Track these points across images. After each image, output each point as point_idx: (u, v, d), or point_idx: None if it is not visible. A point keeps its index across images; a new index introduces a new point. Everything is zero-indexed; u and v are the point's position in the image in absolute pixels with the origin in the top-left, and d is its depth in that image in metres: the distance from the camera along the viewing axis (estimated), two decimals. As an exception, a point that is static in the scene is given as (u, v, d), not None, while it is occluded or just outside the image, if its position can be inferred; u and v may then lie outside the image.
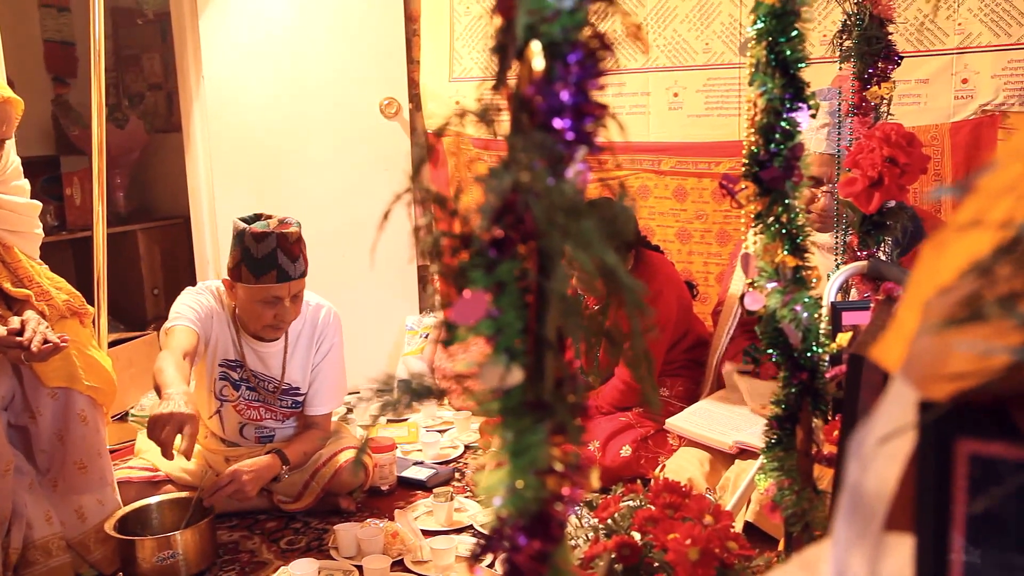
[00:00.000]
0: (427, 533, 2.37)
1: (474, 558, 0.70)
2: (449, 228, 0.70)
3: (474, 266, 0.65)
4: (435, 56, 3.67)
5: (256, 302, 2.51)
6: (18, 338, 2.08)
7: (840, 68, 1.92)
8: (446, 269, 0.69)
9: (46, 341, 2.11)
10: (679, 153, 3.08)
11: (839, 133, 1.92)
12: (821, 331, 1.17)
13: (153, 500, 2.42)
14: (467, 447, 3.07)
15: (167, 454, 2.14)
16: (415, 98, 3.77)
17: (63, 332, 2.18)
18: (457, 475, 2.84)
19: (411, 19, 3.72)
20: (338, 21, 3.65)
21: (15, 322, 2.13)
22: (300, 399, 2.67)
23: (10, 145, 2.40)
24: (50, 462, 2.32)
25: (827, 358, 1.19)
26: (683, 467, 2.42)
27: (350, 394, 3.41)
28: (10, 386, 2.28)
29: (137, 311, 4.54)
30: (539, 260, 0.64)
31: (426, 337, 3.74)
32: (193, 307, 2.58)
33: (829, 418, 1.23)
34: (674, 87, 3.06)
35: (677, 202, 3.13)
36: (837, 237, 1.94)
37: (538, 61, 0.61)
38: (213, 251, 3.83)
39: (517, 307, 0.64)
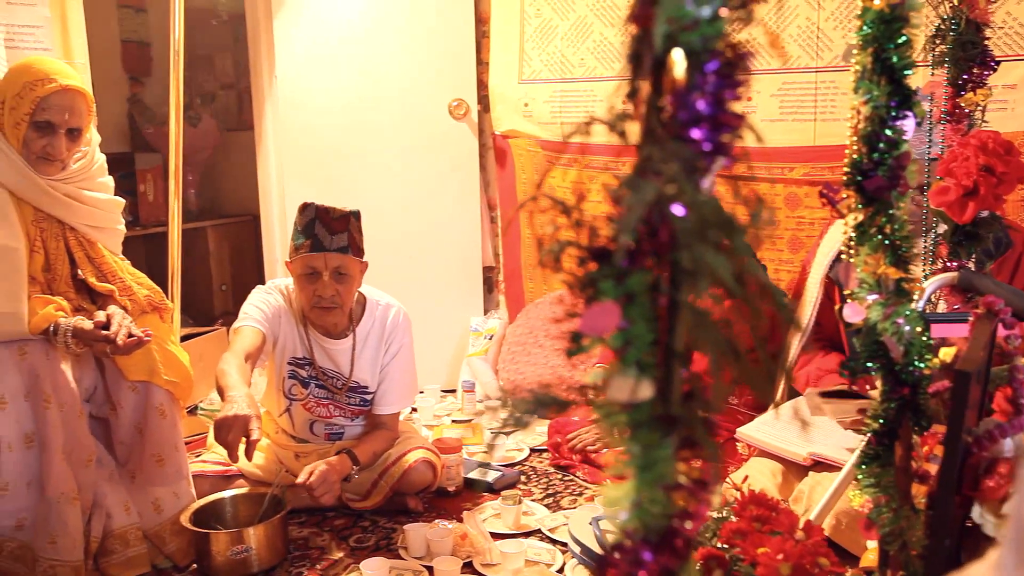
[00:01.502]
0: (495, 536, 2.37)
1: (592, 570, 0.69)
2: (576, 237, 0.70)
3: (604, 276, 0.65)
4: (504, 58, 3.67)
5: (299, 277, 2.54)
6: (104, 332, 2.13)
7: (932, 73, 1.88)
8: (572, 279, 0.68)
9: (130, 335, 2.16)
10: (750, 158, 3.04)
11: (929, 140, 1.87)
12: (923, 345, 1.14)
13: (227, 494, 2.45)
14: (532, 450, 3.06)
15: (233, 456, 2.18)
16: (483, 99, 3.78)
17: (145, 327, 2.23)
18: (523, 478, 2.84)
19: (481, 21, 3.73)
20: (409, 23, 3.68)
21: (101, 316, 2.18)
22: (368, 398, 2.69)
23: (95, 143, 2.46)
24: (129, 454, 2.37)
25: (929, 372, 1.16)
26: (754, 477, 2.39)
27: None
28: (93, 379, 2.34)
29: (205, 306, 4.62)
30: (672, 271, 0.63)
31: (490, 339, 3.75)
32: (260, 307, 2.62)
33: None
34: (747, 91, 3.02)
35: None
36: (924, 245, 1.89)
37: (679, 70, 0.60)
38: (282, 248, 3.88)
39: (648, 319, 0.63)
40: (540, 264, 0.72)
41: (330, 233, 2.50)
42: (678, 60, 0.60)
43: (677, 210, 0.59)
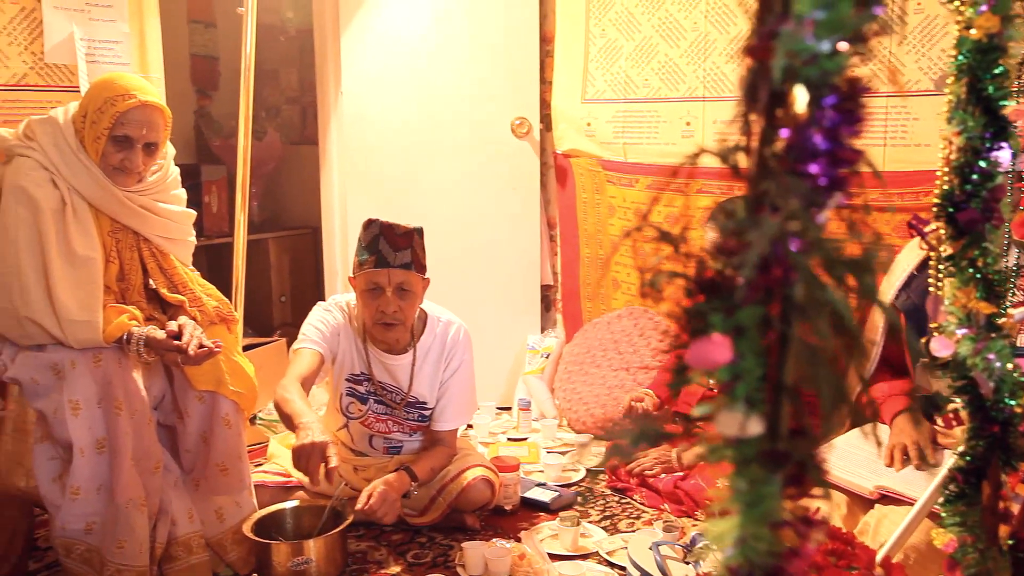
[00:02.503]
0: (553, 557, 2.36)
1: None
2: (683, 268, 0.69)
3: (713, 309, 0.64)
4: (568, 77, 3.68)
5: (362, 292, 2.56)
6: (176, 342, 2.17)
7: (1017, 102, 1.83)
8: (678, 310, 0.68)
9: (201, 346, 2.19)
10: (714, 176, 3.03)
11: (1013, 168, 1.83)
12: (1015, 382, 1.12)
13: (288, 505, 2.48)
14: (589, 471, 3.04)
15: (314, 482, 2.20)
16: (546, 118, 3.79)
17: (215, 338, 2.27)
18: (579, 499, 2.82)
19: (545, 40, 3.75)
20: (473, 41, 3.71)
21: (173, 326, 2.22)
22: (427, 413, 2.70)
23: (170, 156, 2.52)
24: (194, 462, 2.40)
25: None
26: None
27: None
28: (161, 387, 2.38)
29: (265, 317, 4.68)
30: (783, 306, 0.62)
31: (547, 357, 3.74)
32: (319, 327, 2.65)
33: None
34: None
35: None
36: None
37: (800, 105, 0.60)
38: (342, 262, 3.92)
39: (758, 353, 0.63)
40: (641, 295, 0.72)
41: (394, 249, 2.52)
42: (799, 95, 0.59)
43: (796, 246, 0.58)
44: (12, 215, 2.20)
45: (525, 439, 3.40)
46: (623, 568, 2.29)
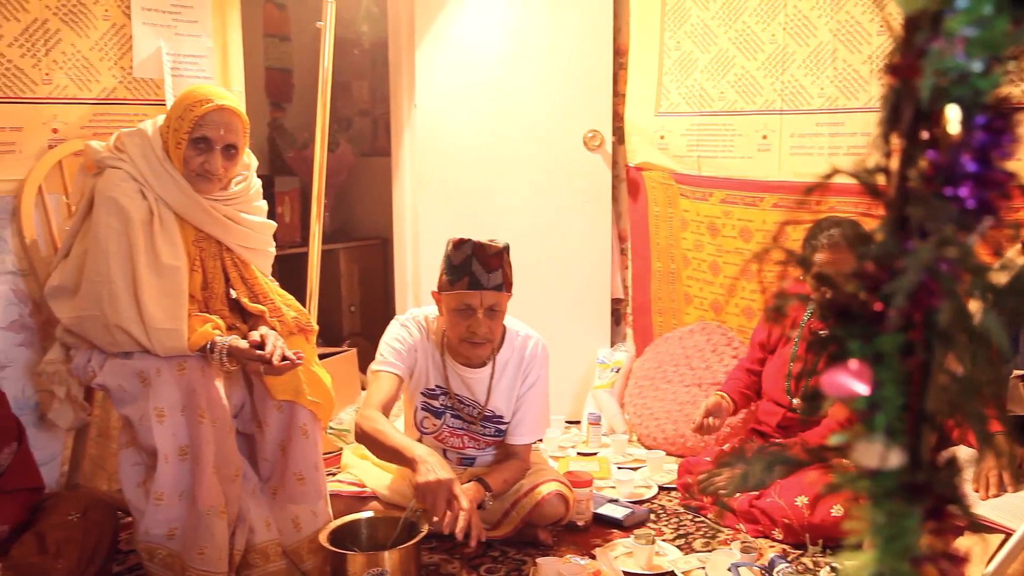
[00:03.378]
0: (627, 575, 2.33)
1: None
2: (814, 292, 0.67)
3: (850, 335, 0.62)
4: (642, 90, 3.66)
5: (452, 311, 2.56)
6: (259, 352, 2.20)
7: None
8: (809, 335, 0.66)
9: (284, 358, 2.22)
10: (846, 194, 2.93)
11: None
12: None
13: (363, 516, 2.49)
14: (661, 488, 3.01)
15: (443, 524, 2.24)
16: (618, 131, 3.77)
17: (295, 349, 2.29)
18: (652, 516, 2.79)
19: (619, 53, 3.73)
20: (547, 54, 3.71)
21: (256, 336, 2.25)
22: (503, 428, 2.70)
23: (253, 167, 2.56)
24: (271, 471, 2.43)
25: None
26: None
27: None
28: (241, 396, 2.42)
29: (335, 327, 4.73)
30: (926, 333, 0.60)
31: (617, 371, 3.71)
32: (396, 347, 2.65)
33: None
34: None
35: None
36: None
37: (953, 126, 0.58)
38: (413, 273, 3.95)
39: (898, 382, 0.60)
40: (765, 318, 0.70)
41: (487, 271, 2.51)
42: (952, 116, 0.57)
43: (946, 271, 0.56)
44: (104, 225, 2.26)
45: (595, 454, 3.38)
46: (700, 589, 2.25)
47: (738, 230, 3.38)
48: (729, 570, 2.21)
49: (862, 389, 0.60)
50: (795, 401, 2.73)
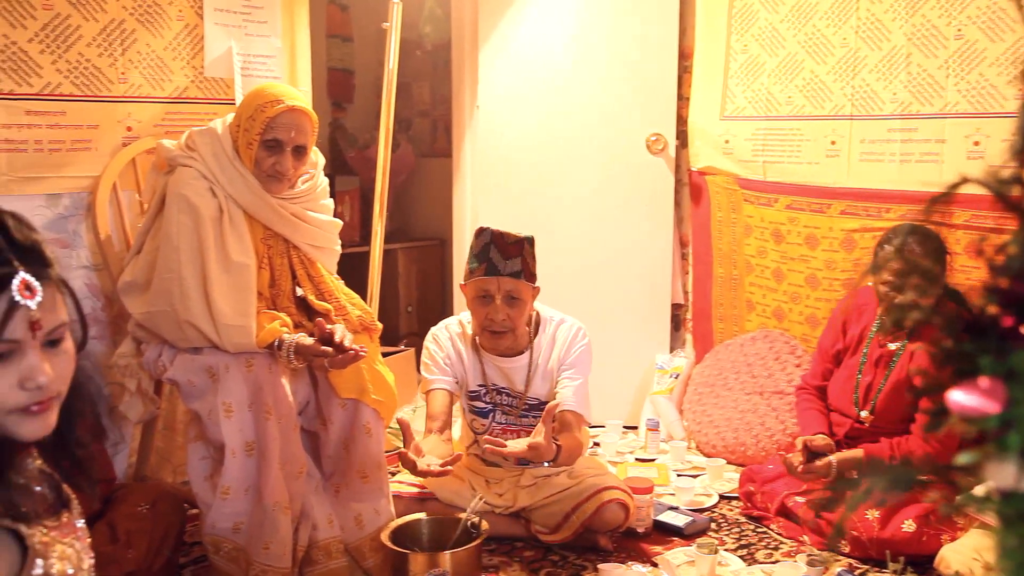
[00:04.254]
0: (690, 584, 2.30)
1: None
2: (937, 301, 0.65)
3: (981, 351, 0.60)
4: (706, 93, 3.62)
5: (472, 300, 2.57)
6: (325, 347, 2.22)
7: None
8: (935, 349, 0.64)
9: (350, 349, 2.23)
10: (974, 206, 2.85)
11: None
12: None
13: (424, 516, 2.49)
14: (722, 497, 2.97)
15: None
16: (682, 135, 3.74)
17: (361, 345, 2.30)
18: (713, 525, 2.75)
19: (684, 56, 3.70)
20: (611, 57, 3.69)
21: (328, 327, 2.25)
22: None
23: (320, 166, 2.58)
24: (334, 468, 2.45)
25: None
26: (960, 552, 2.23)
27: (595, 427, 3.41)
28: (306, 393, 2.44)
29: (392, 327, 4.75)
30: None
31: (675, 377, 3.67)
32: (439, 359, 2.66)
33: None
34: (975, 135, 2.85)
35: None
36: None
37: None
38: (472, 275, 3.94)
39: (1031, 400, 0.58)
40: (881, 330, 0.68)
41: (504, 258, 2.52)
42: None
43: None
44: (175, 223, 2.29)
45: (653, 460, 3.35)
46: (765, 601, 2.21)
47: (804, 237, 3.32)
48: (795, 583, 2.17)
49: (993, 407, 0.58)
50: (863, 413, 2.67)
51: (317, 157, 2.56)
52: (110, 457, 2.64)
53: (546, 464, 2.38)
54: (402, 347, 4.26)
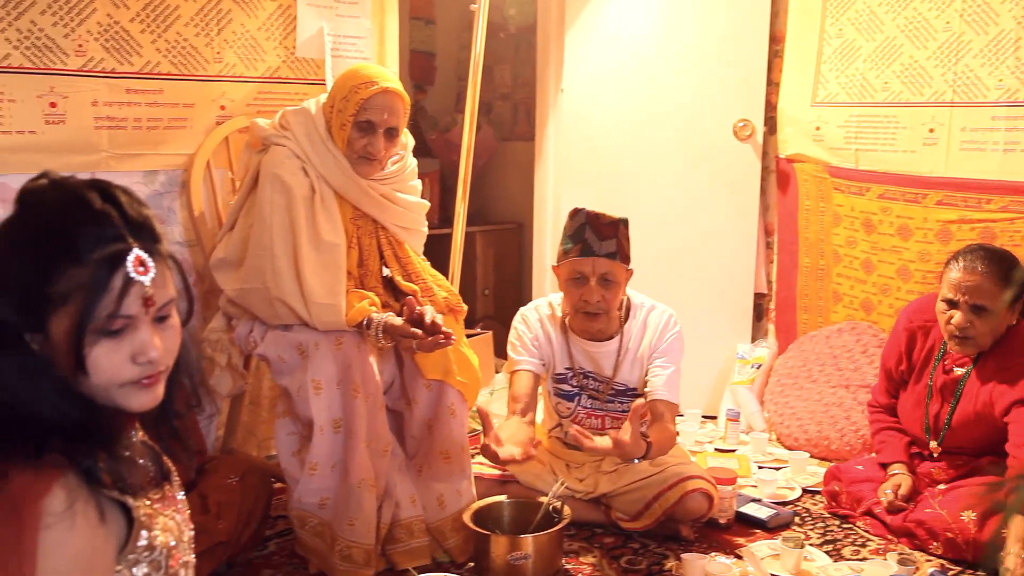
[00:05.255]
0: (774, 578, 2.26)
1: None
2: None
3: None
4: (798, 79, 3.53)
5: (566, 281, 2.55)
6: (414, 329, 2.22)
7: None
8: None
9: (439, 329, 2.23)
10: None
11: None
12: None
13: (505, 499, 2.50)
14: (805, 491, 2.91)
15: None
16: (770, 121, 3.65)
17: (447, 329, 2.30)
18: (796, 519, 2.70)
19: (775, 40, 3.61)
20: (699, 40, 3.62)
21: (419, 308, 2.26)
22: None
23: (409, 147, 2.59)
24: (418, 448, 2.46)
25: None
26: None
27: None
28: (391, 373, 2.45)
29: (469, 310, 4.75)
30: None
31: (757, 368, 3.61)
32: (526, 340, 2.66)
33: None
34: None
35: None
36: None
37: None
38: (553, 259, 3.92)
39: None
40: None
41: (599, 239, 2.49)
42: None
43: None
44: (268, 201, 2.32)
45: (733, 451, 3.30)
46: (853, 598, 2.16)
47: (896, 227, 3.23)
48: (887, 582, 2.12)
49: None
50: (932, 443, 2.60)
51: (407, 138, 2.57)
52: (201, 430, 2.70)
53: (636, 461, 2.36)
54: (478, 330, 4.26)
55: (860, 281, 3.40)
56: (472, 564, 2.37)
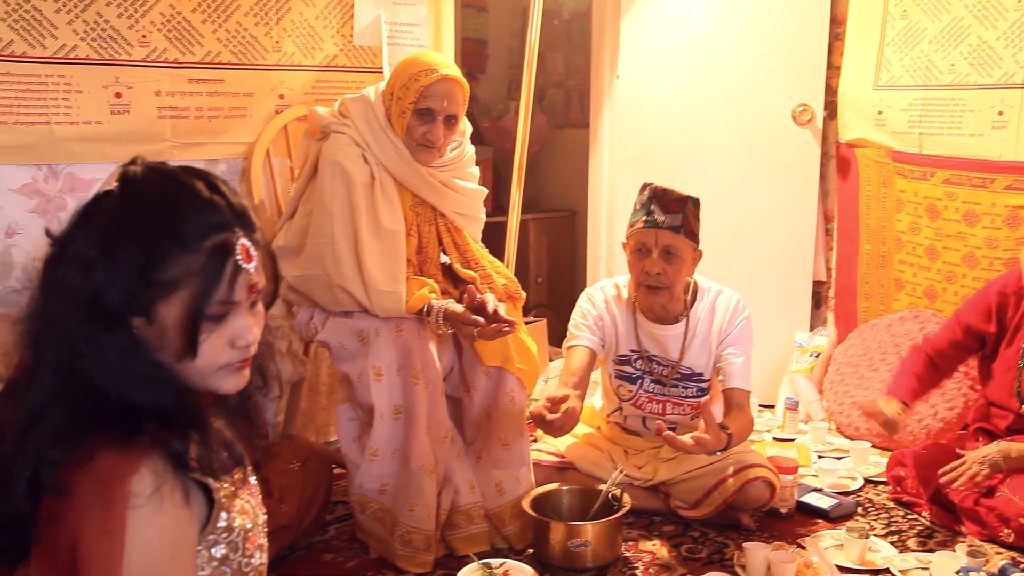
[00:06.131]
0: (839, 569, 2.22)
1: None
2: None
3: None
4: (860, 62, 3.45)
5: (631, 254, 2.52)
6: (474, 316, 2.22)
7: None
8: None
9: (500, 317, 2.22)
10: None
11: None
12: None
13: (564, 486, 2.49)
14: (867, 480, 2.86)
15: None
16: (830, 105, 3.58)
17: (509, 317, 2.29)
18: (859, 510, 2.66)
19: (836, 22, 3.53)
20: (758, 24, 3.56)
21: (479, 296, 2.26)
22: (703, 386, 2.61)
23: (467, 134, 2.58)
24: (476, 435, 2.47)
25: None
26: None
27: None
28: (450, 359, 2.46)
29: (522, 297, 4.76)
30: None
31: (816, 356, 3.56)
32: (580, 320, 2.64)
33: None
34: None
35: None
36: None
37: None
38: (607, 246, 3.91)
39: None
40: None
41: (664, 212, 2.47)
42: None
43: None
44: (329, 189, 2.33)
45: (792, 440, 3.25)
46: (921, 591, 2.12)
47: (962, 213, 3.15)
48: (958, 574, 2.07)
49: None
50: None
51: (465, 125, 2.57)
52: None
53: (717, 453, 2.35)
54: (532, 318, 4.26)
55: (924, 268, 3.33)
56: (531, 551, 2.37)
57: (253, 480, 1.32)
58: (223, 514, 1.16)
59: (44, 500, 1.07)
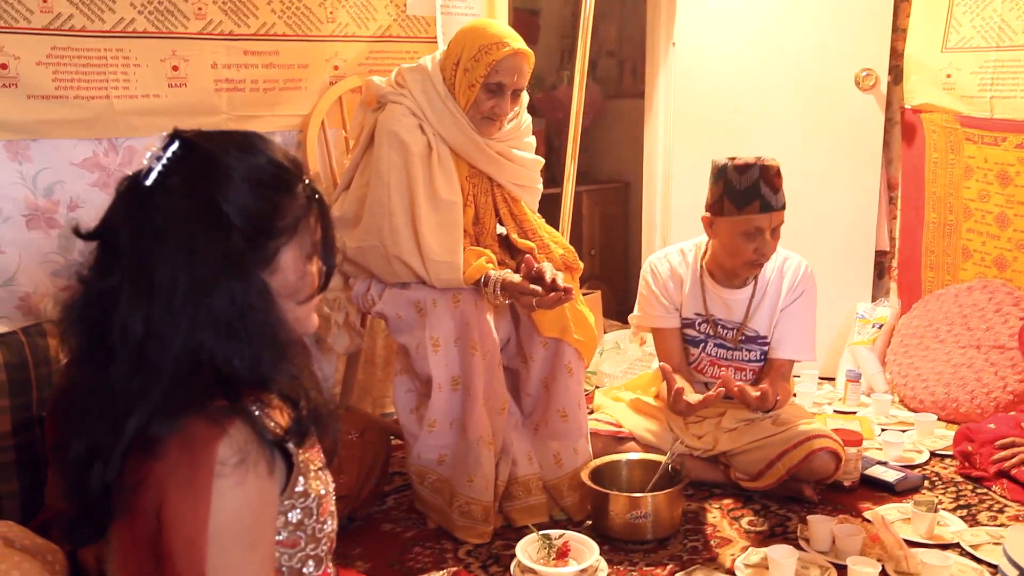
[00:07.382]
0: (908, 543, 2.17)
1: None
2: None
3: None
4: (928, 23, 3.34)
5: (738, 235, 2.47)
6: (533, 286, 2.20)
7: None
8: None
9: (558, 286, 2.20)
10: None
11: None
12: None
13: (623, 457, 2.47)
14: (933, 454, 2.79)
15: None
16: (895, 70, 3.48)
17: (567, 285, 2.26)
18: (926, 483, 2.60)
19: (901, -17, 3.42)
20: (819, -14, 3.46)
21: (538, 266, 2.23)
22: (765, 348, 2.58)
23: (525, 104, 2.55)
24: (534, 406, 2.45)
25: None
26: None
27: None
28: (507, 330, 2.44)
29: (576, 270, 4.73)
30: None
31: (878, 328, 3.48)
32: (657, 292, 2.64)
33: None
34: None
35: None
36: None
37: None
38: (663, 216, 3.85)
39: None
40: None
41: (773, 192, 2.45)
42: None
43: None
44: (386, 160, 2.32)
45: (854, 413, 3.19)
46: (993, 566, 2.06)
47: (1034, 177, 3.04)
48: (1032, 549, 2.01)
49: None
50: None
51: (523, 95, 2.53)
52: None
53: (762, 413, 2.37)
54: (586, 290, 4.22)
55: (993, 237, 3.22)
56: (590, 523, 2.36)
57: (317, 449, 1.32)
58: (300, 479, 1.16)
59: (128, 466, 1.08)
